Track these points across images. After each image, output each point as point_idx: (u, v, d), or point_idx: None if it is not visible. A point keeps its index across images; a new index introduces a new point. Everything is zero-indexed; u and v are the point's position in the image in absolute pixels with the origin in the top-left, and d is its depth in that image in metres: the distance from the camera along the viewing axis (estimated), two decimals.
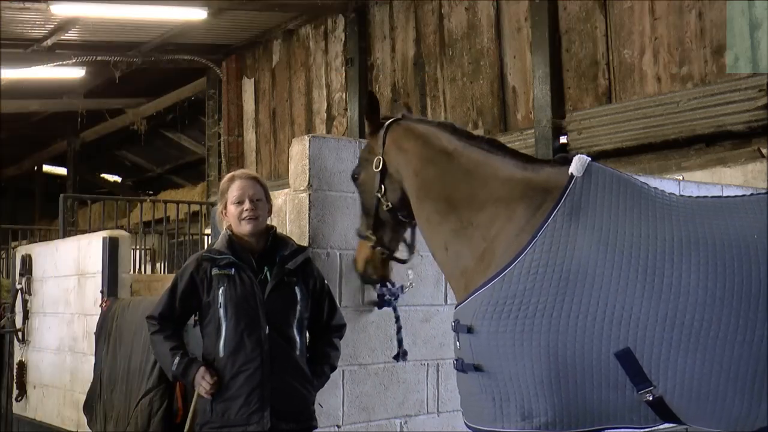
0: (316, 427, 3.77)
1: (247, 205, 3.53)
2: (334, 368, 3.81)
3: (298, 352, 3.55)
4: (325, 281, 3.78)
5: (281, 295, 3.51)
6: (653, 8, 9.13)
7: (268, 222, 3.74)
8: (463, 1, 11.46)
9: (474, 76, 11.24)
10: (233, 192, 3.58)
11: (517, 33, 10.69)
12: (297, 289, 3.55)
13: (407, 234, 3.52)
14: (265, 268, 3.54)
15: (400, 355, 4.48)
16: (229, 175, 3.70)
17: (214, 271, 3.49)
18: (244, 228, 3.54)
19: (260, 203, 3.58)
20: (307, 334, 3.70)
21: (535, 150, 9.87)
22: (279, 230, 3.81)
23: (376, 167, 3.33)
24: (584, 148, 9.50)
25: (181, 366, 3.48)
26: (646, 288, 2.57)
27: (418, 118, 3.47)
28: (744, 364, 2.47)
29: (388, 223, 3.41)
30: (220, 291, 3.46)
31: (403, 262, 3.61)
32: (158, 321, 3.58)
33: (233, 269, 3.49)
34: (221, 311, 3.46)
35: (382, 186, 3.33)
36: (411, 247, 3.57)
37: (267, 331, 3.45)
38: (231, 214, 3.58)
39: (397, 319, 4.48)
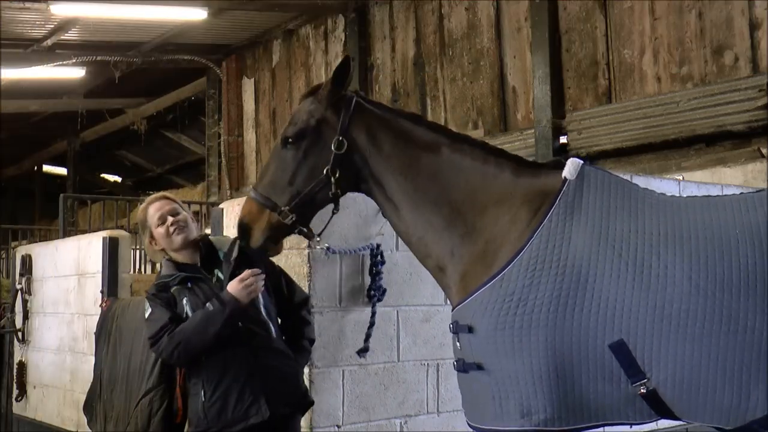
0: (313, 402, 3.84)
1: (170, 220, 3.63)
2: (312, 341, 3.89)
3: (275, 335, 3.61)
4: (273, 262, 3.80)
5: None
6: (653, 8, 9.13)
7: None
8: (463, 1, 11.46)
9: (474, 76, 11.24)
10: (152, 218, 3.68)
11: (517, 33, 10.69)
12: None
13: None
14: (216, 271, 3.61)
15: (363, 351, 4.45)
16: (141, 206, 3.79)
17: (173, 289, 3.55)
18: (177, 240, 3.62)
19: (180, 216, 3.67)
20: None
21: (535, 150, 9.87)
22: None
23: (337, 148, 3.00)
24: (584, 148, 9.52)
25: (215, 303, 3.39)
26: (635, 280, 2.64)
27: (379, 104, 3.21)
28: (731, 354, 2.54)
29: (318, 205, 3.10)
30: (185, 301, 3.52)
31: (311, 238, 3.22)
32: (166, 327, 3.46)
33: (188, 283, 3.56)
34: None
35: (338, 170, 3.01)
36: (323, 230, 3.25)
37: (240, 325, 3.47)
38: (160, 236, 3.65)
39: (373, 314, 4.48)
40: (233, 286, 3.41)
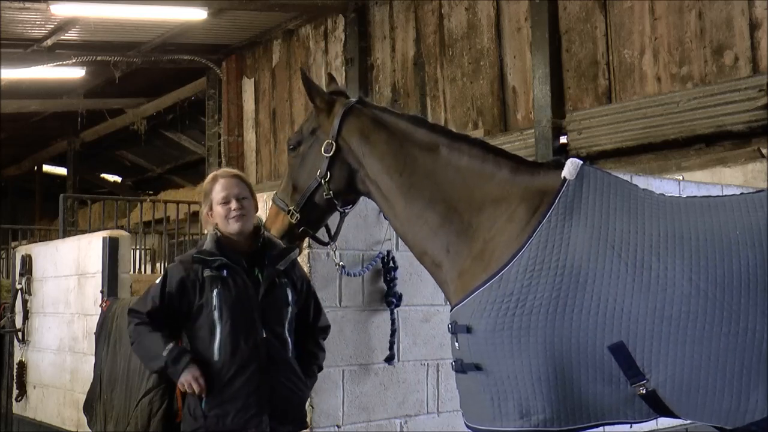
0: (308, 427, 3.79)
1: (233, 204, 3.46)
2: (320, 368, 3.78)
3: (291, 353, 3.52)
4: (311, 283, 3.75)
5: (274, 297, 3.46)
6: (653, 8, 9.14)
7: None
8: (463, 1, 11.47)
9: (474, 76, 11.24)
10: (218, 192, 3.50)
11: (517, 33, 10.69)
12: (288, 290, 3.50)
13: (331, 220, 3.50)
14: (256, 269, 3.47)
15: (390, 358, 4.55)
16: (211, 176, 3.62)
17: (206, 272, 3.41)
18: (233, 227, 3.46)
19: (246, 201, 3.50)
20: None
21: (535, 150, 9.88)
22: None
23: (326, 151, 3.22)
24: (584, 148, 9.52)
25: (175, 352, 3.34)
26: (635, 281, 2.64)
27: (380, 107, 3.34)
28: (731, 355, 2.54)
29: (320, 207, 3.33)
30: (215, 293, 3.38)
31: (325, 244, 3.63)
32: (146, 315, 3.44)
33: (225, 271, 3.41)
34: (215, 314, 3.37)
35: (329, 172, 3.23)
36: (336, 234, 3.56)
37: (264, 334, 3.40)
38: (218, 215, 3.50)
39: (393, 322, 4.53)
40: (192, 371, 3.33)
